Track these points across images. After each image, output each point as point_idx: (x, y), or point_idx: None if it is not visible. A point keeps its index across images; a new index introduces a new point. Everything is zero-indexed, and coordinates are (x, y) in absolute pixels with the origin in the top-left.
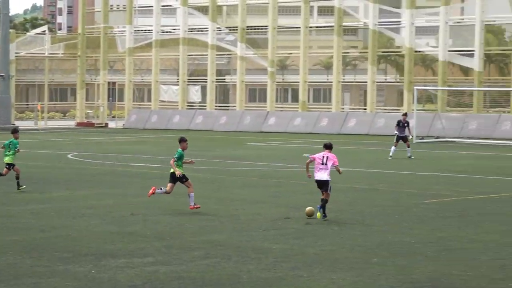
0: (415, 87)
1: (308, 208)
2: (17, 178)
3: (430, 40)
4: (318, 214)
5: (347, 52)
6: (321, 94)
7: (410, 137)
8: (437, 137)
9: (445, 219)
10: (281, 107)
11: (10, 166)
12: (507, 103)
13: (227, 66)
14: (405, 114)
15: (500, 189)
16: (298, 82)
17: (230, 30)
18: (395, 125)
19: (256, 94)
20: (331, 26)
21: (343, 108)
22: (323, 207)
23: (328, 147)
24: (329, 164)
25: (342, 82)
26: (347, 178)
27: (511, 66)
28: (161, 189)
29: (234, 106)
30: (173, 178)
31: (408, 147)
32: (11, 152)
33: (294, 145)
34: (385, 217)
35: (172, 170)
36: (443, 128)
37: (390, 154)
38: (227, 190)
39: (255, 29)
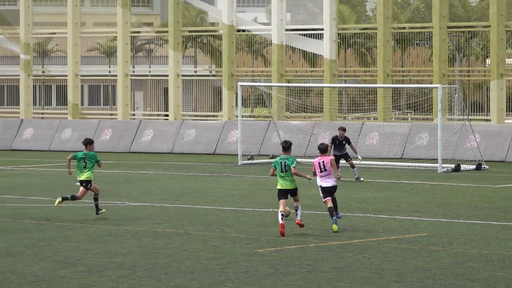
0: (239, 83)
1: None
2: (97, 199)
3: (260, 15)
4: (335, 227)
5: (138, 32)
6: (101, 93)
7: (358, 157)
8: (273, 156)
9: (287, 277)
10: (42, 113)
11: (88, 184)
12: (372, 105)
13: None
14: (342, 129)
15: (368, 231)
16: (66, 75)
17: None
18: (329, 143)
19: (3, 93)
20: None
21: (133, 115)
22: (333, 212)
23: (323, 150)
24: (328, 167)
25: (132, 75)
26: (146, 217)
27: (376, 52)
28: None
29: None
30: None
31: (353, 167)
32: (88, 166)
33: (64, 169)
34: (195, 274)
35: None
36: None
37: (356, 177)
38: None
39: None
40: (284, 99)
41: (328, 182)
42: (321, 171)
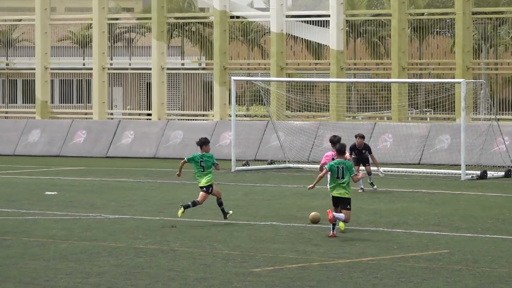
0: (232, 78)
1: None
2: (221, 204)
3: (256, 0)
4: (342, 225)
5: (117, 19)
6: (74, 89)
7: (379, 171)
8: (271, 162)
9: None
10: (6, 112)
11: (209, 188)
12: (385, 103)
13: None
14: (360, 137)
15: (381, 248)
16: (34, 69)
17: None
18: (348, 152)
19: None
20: None
21: (111, 114)
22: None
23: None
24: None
25: (110, 69)
26: (126, 232)
27: (390, 42)
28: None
29: None
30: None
31: (370, 174)
32: (207, 169)
33: (32, 176)
34: None
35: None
36: (281, 146)
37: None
38: None
39: None
40: (284, 96)
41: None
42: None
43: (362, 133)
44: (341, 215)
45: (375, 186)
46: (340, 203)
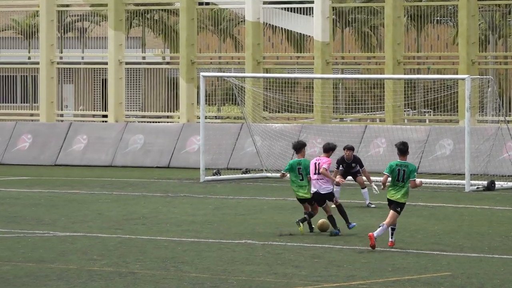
0: (201, 73)
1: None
2: (311, 215)
3: None
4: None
5: (67, 5)
6: (17, 87)
7: (373, 187)
8: (247, 171)
9: None
10: None
11: (312, 200)
12: (378, 103)
13: None
14: (349, 149)
15: (373, 270)
16: None
17: None
18: (335, 167)
19: None
20: None
21: (61, 115)
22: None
23: (326, 149)
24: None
25: (60, 63)
26: (78, 251)
27: (384, 32)
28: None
29: None
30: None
31: (364, 187)
32: (306, 178)
33: None
34: None
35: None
36: (257, 153)
37: (367, 203)
38: None
39: None
40: (261, 94)
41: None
42: (314, 173)
43: (351, 145)
44: (381, 230)
45: (373, 205)
46: (393, 207)
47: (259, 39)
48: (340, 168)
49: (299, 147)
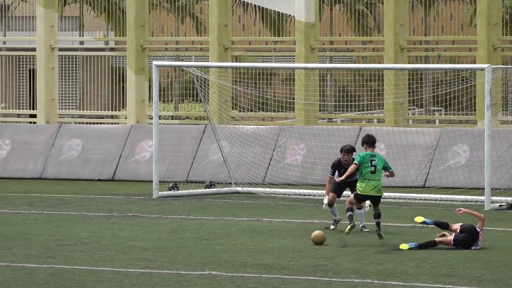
0: (154, 63)
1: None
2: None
3: None
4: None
5: None
6: None
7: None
8: (211, 184)
9: None
10: None
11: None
12: (375, 99)
13: None
14: (347, 151)
15: None
16: None
17: None
18: (329, 172)
19: None
20: None
21: None
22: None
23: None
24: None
25: None
26: None
27: (383, 10)
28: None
29: None
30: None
31: (360, 208)
32: (378, 174)
33: None
34: None
35: None
36: (225, 162)
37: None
38: None
39: None
40: (229, 89)
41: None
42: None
43: (350, 146)
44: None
45: (367, 229)
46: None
47: (226, 20)
48: (336, 175)
49: (373, 140)
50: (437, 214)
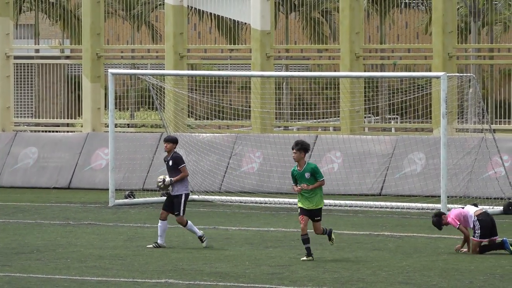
0: (110, 71)
1: None
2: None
3: None
4: None
5: None
6: None
7: None
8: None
9: None
10: None
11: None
12: (331, 107)
13: None
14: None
15: None
16: None
17: None
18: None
19: None
20: None
21: None
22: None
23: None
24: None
25: None
26: None
27: (338, 18)
28: None
29: None
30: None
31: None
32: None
33: None
34: None
35: None
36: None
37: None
38: None
39: None
40: (185, 97)
41: None
42: None
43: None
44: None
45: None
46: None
47: (182, 28)
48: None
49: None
50: (392, 222)
